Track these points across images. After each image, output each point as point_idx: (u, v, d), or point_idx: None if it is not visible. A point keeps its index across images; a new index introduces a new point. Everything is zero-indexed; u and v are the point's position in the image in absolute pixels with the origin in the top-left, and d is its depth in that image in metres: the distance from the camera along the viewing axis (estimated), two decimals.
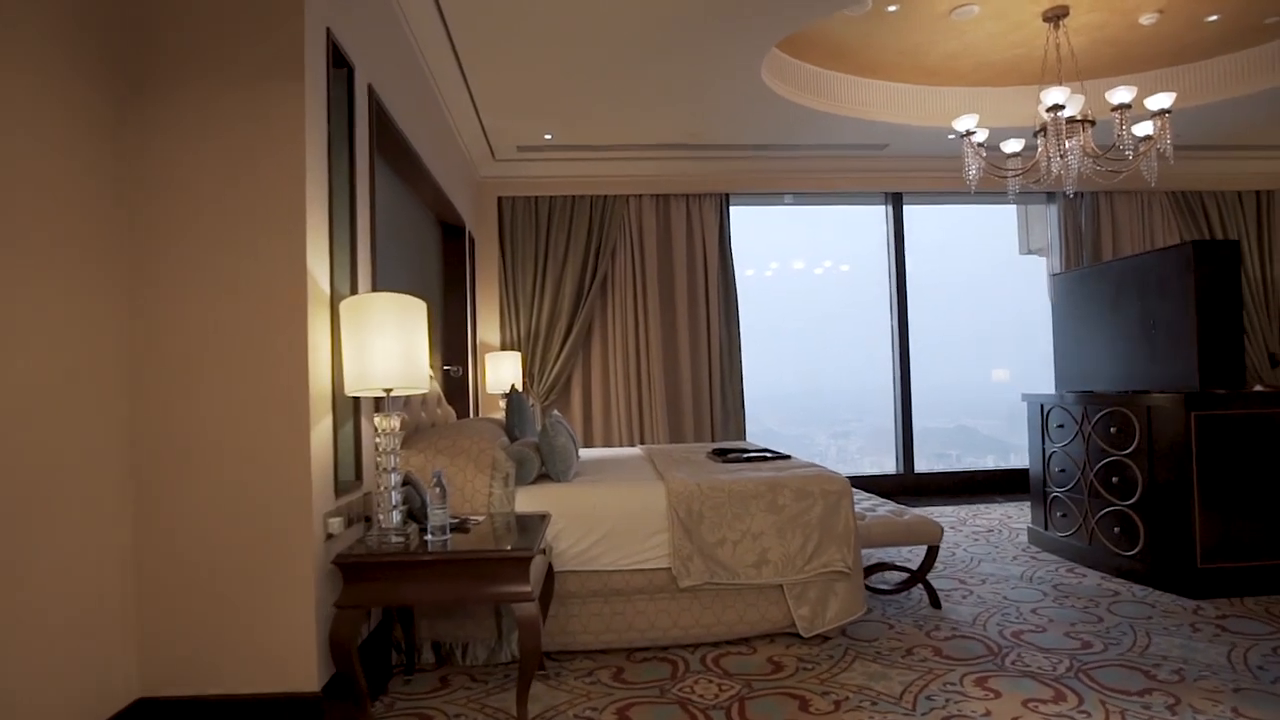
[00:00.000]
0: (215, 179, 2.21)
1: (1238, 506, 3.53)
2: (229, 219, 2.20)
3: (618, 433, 6.15)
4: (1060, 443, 4.34)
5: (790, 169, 6.36)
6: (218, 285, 2.20)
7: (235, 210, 2.20)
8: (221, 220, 2.20)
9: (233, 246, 2.20)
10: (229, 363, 2.19)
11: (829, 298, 9.00)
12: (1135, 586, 3.67)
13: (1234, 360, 3.63)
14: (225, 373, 2.19)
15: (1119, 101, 4.02)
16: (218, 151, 2.21)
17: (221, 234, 2.20)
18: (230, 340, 2.20)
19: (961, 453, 7.64)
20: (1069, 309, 4.60)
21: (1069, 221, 6.78)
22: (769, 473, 3.28)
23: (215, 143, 2.21)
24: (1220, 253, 3.66)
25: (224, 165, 2.21)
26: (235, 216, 2.21)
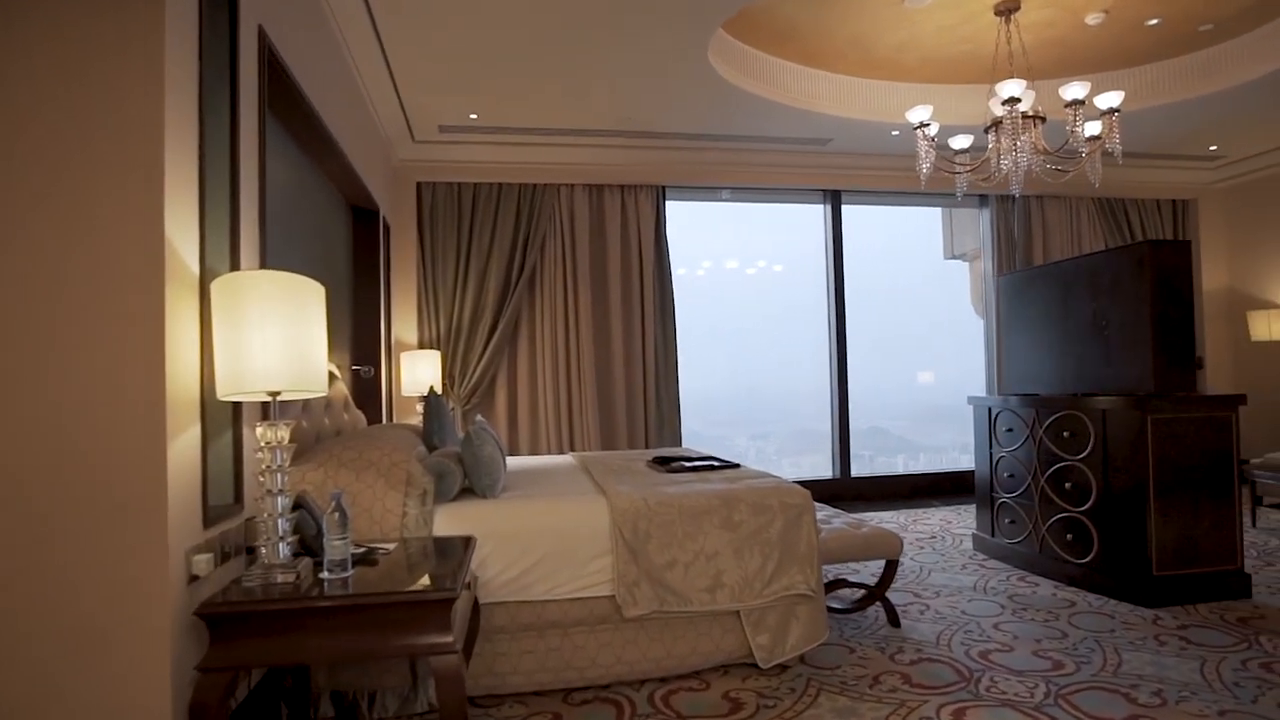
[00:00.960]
0: (45, 121, 1.72)
1: (1191, 512, 3.44)
2: (60, 170, 1.72)
3: (546, 439, 5.75)
4: (1009, 447, 4.22)
5: (730, 162, 6.11)
6: (39, 259, 1.71)
7: (69, 161, 1.72)
8: (51, 173, 1.71)
9: (64, 207, 1.71)
10: (55, 362, 1.70)
11: (760, 299, 8.82)
12: (1090, 595, 3.55)
13: (1187, 362, 3.55)
14: (49, 375, 1.70)
15: (1073, 97, 3.91)
16: (48, 86, 1.72)
17: (49, 190, 1.71)
18: (57, 332, 1.71)
19: (874, 454, 7.64)
20: (1015, 310, 4.50)
21: (1002, 225, 6.79)
22: (721, 485, 2.97)
23: (45, 75, 1.72)
24: (1173, 253, 3.58)
25: (58, 104, 1.72)
26: (69, 168, 1.72)
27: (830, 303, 6.63)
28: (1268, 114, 5.56)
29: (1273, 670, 2.64)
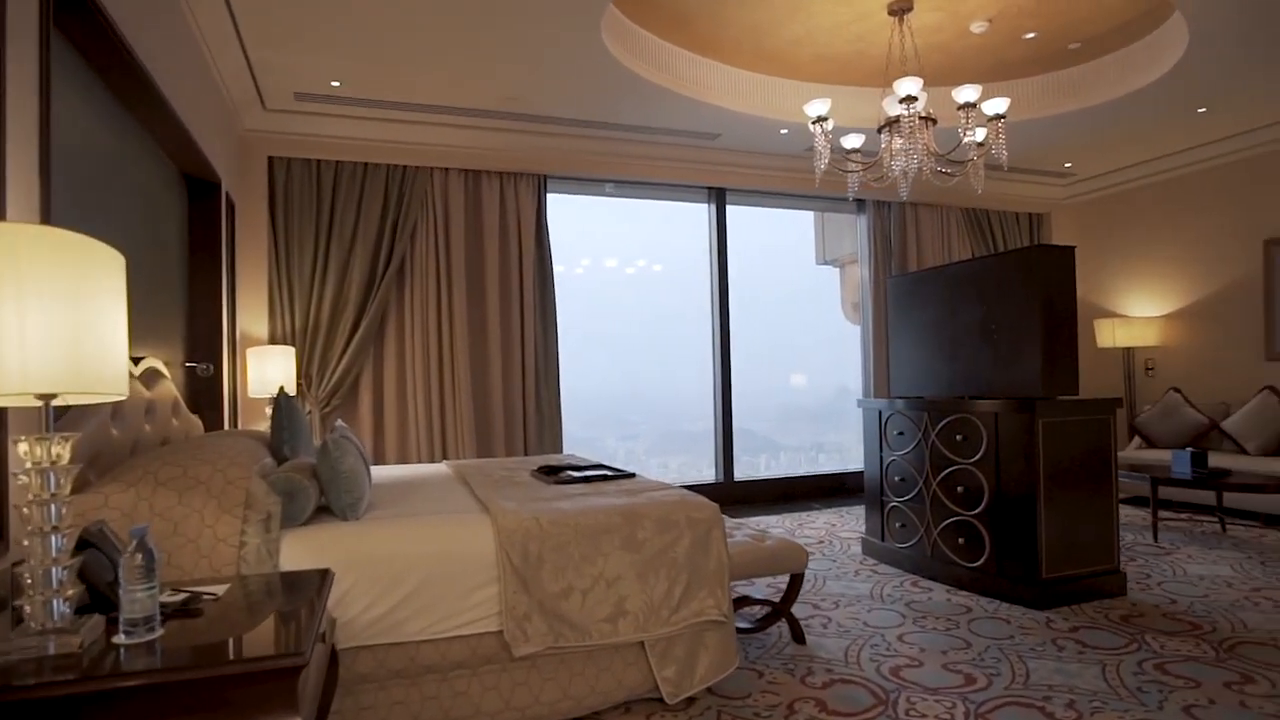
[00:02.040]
0: None
1: (1076, 513, 3.51)
2: None
3: (416, 446, 5.23)
4: (900, 451, 4.19)
5: (615, 153, 5.84)
6: None
7: None
8: None
9: None
10: None
11: (640, 299, 8.63)
12: (983, 599, 3.54)
13: (1072, 365, 3.62)
14: None
15: (965, 100, 3.92)
16: None
17: None
18: None
19: (739, 453, 7.70)
20: (904, 313, 4.50)
21: (878, 231, 6.93)
22: (620, 498, 2.67)
23: None
24: (1059, 258, 3.65)
25: None
26: None
27: (714, 304, 6.51)
28: (1117, 134, 5.95)
29: (1167, 671, 2.66)
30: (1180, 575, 3.89)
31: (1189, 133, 5.94)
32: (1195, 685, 2.54)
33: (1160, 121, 5.66)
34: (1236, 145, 6.04)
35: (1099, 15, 4.48)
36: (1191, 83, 4.92)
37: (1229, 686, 2.53)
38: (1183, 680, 2.58)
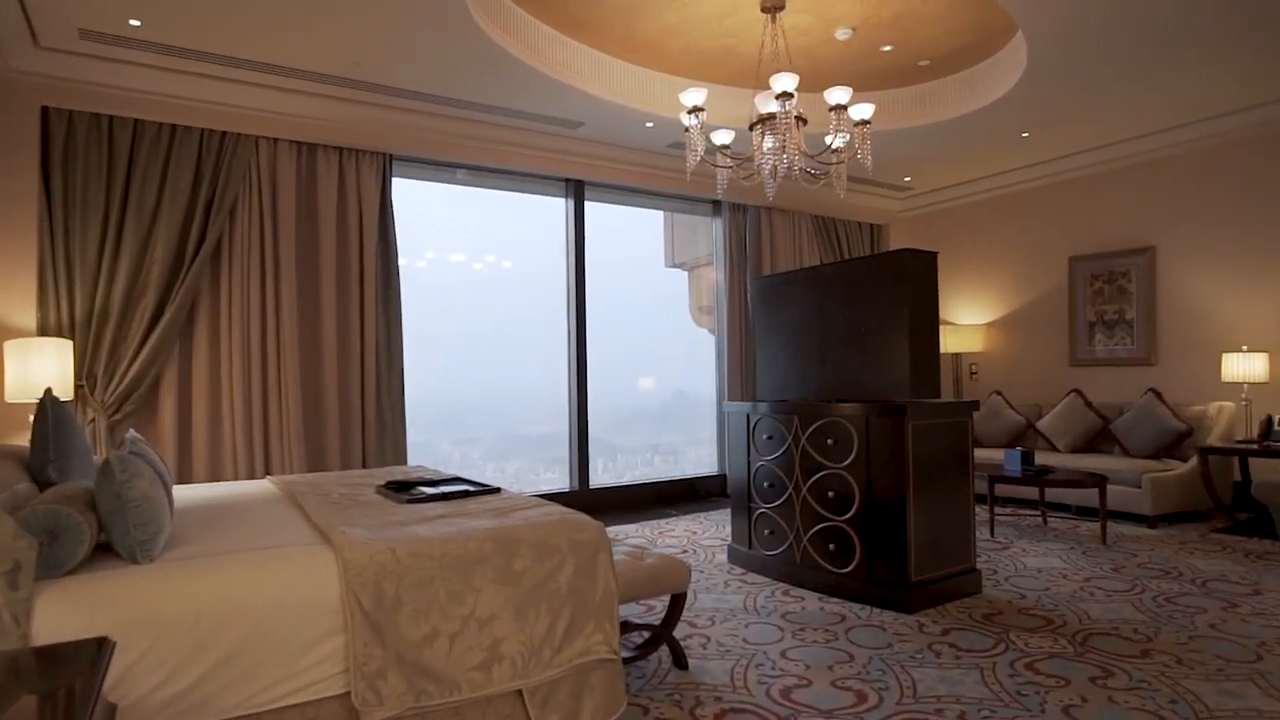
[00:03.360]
0: None
1: (940, 516, 3.57)
2: None
3: (233, 459, 4.51)
4: (769, 455, 4.12)
5: (470, 135, 5.39)
6: None
7: None
8: None
9: None
10: None
11: (487, 296, 8.19)
12: (855, 606, 3.51)
13: (935, 368, 3.69)
14: None
15: (836, 102, 3.92)
16: None
17: None
18: None
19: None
20: (769, 315, 4.44)
21: (734, 234, 6.96)
22: (490, 520, 2.31)
23: None
24: (925, 262, 3.71)
25: None
26: None
27: (570, 304, 6.23)
28: (952, 152, 6.33)
29: (1038, 670, 2.70)
30: (1021, 569, 4.10)
31: (1012, 155, 6.44)
32: (1065, 684, 2.59)
33: (990, 142, 6.08)
34: (1049, 170, 6.63)
35: (950, 34, 4.67)
36: (1020, 109, 5.28)
37: (1094, 682, 2.60)
38: (1054, 679, 2.63)
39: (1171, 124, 5.68)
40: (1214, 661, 2.77)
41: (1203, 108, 5.35)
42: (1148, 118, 5.54)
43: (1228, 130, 5.54)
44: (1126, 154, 6.11)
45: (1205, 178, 5.76)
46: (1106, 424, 5.89)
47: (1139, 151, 6.04)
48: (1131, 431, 5.67)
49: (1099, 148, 6.20)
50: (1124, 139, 6.00)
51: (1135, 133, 5.87)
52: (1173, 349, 5.96)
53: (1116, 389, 6.19)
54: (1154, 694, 2.50)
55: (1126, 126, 5.74)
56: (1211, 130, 5.60)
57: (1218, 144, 5.65)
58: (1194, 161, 5.81)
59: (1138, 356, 6.16)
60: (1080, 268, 6.59)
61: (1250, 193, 5.52)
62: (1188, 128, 5.68)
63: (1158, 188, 6.04)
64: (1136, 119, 5.57)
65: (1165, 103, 5.22)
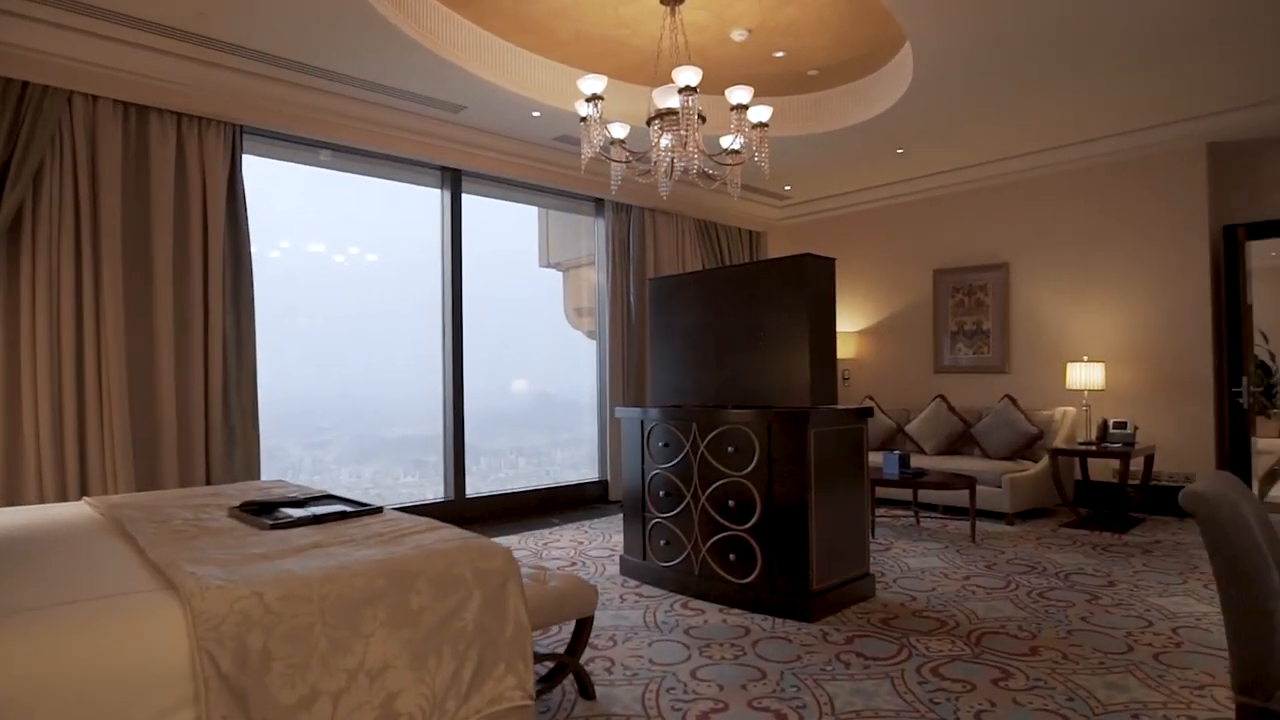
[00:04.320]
0: None
1: (838, 522, 3.55)
2: None
3: (36, 477, 3.78)
4: (665, 463, 3.96)
5: (335, 112, 4.87)
6: None
7: None
8: None
9: None
10: None
11: (349, 291, 7.59)
12: (757, 617, 3.41)
13: (833, 374, 3.68)
14: None
15: (738, 101, 3.83)
16: None
17: None
18: None
19: (438, 459, 7.27)
20: (664, 318, 4.29)
21: (616, 234, 6.80)
22: (377, 548, 1.97)
23: None
24: (825, 268, 3.69)
25: None
26: None
27: (445, 301, 5.82)
28: (832, 163, 6.50)
29: (943, 676, 2.70)
30: (906, 570, 4.19)
31: (887, 170, 6.70)
32: (971, 688, 2.59)
33: (868, 156, 6.28)
34: (919, 186, 6.97)
35: (840, 46, 4.74)
36: (898, 125, 5.48)
37: (997, 684, 2.62)
38: (960, 684, 2.63)
39: (1027, 150, 6.11)
40: (1094, 655, 2.89)
41: (1055, 137, 5.78)
42: (1008, 143, 5.93)
43: (1075, 159, 6.03)
44: (987, 175, 6.52)
45: (1053, 201, 6.24)
46: (968, 428, 6.24)
47: (998, 174, 6.46)
48: (990, 435, 6.03)
49: (964, 168, 6.58)
50: (985, 161, 6.40)
51: (996, 156, 6.27)
52: (1024, 358, 6.41)
53: (976, 394, 6.58)
54: (1051, 693, 2.55)
55: (989, 150, 6.11)
56: (1061, 158, 6.07)
57: (1065, 171, 6.13)
58: (1045, 186, 6.28)
59: (994, 365, 6.59)
60: (943, 280, 6.97)
61: (1091, 217, 6.03)
62: (1041, 154, 6.13)
63: (1012, 208, 6.49)
64: (998, 143, 5.94)
65: (1025, 130, 5.59)
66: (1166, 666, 2.76)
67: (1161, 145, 5.65)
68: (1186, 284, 5.60)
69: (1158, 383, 5.71)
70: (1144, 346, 5.77)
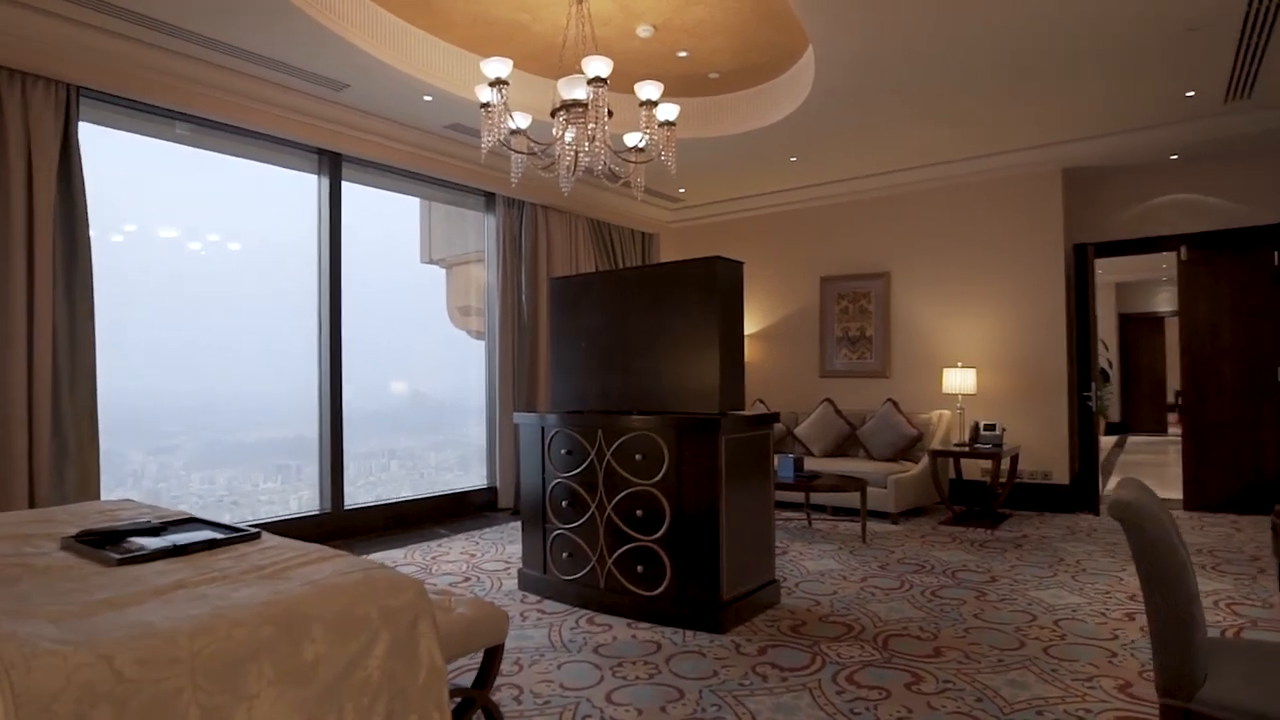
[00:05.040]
0: None
1: (747, 530, 3.50)
2: None
3: None
4: (568, 472, 3.78)
5: (196, 80, 4.33)
6: None
7: None
8: None
9: None
10: None
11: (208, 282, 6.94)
12: (667, 630, 3.30)
13: (741, 380, 3.63)
14: None
15: (647, 97, 3.71)
16: None
17: None
18: None
19: (301, 464, 6.88)
20: (569, 319, 4.11)
21: (507, 231, 6.53)
22: (259, 585, 1.68)
23: None
24: (735, 271, 3.64)
25: None
26: None
27: (322, 296, 5.36)
28: (727, 167, 6.52)
29: (858, 683, 2.69)
30: (805, 574, 4.22)
31: (779, 177, 6.81)
32: (886, 695, 2.59)
33: (763, 162, 6.35)
34: (809, 195, 7.14)
35: (743, 50, 4.73)
36: (794, 134, 5.56)
37: (910, 689, 2.64)
38: (876, 691, 2.62)
39: (909, 165, 6.39)
40: (991, 652, 2.98)
41: (935, 154, 6.06)
42: (892, 157, 6.16)
43: (951, 175, 6.36)
44: (872, 187, 6.77)
45: (931, 215, 6.57)
46: (854, 430, 6.44)
47: (882, 186, 6.72)
48: (874, 437, 6.25)
49: (851, 179, 6.80)
50: (871, 173, 6.64)
51: (881, 169, 6.51)
52: (904, 363, 6.71)
53: (860, 398, 6.81)
54: (961, 694, 2.59)
55: (875, 163, 6.34)
56: (939, 174, 6.39)
57: (942, 186, 6.46)
58: (924, 200, 6.59)
59: (876, 370, 6.85)
60: (829, 287, 7.18)
61: (964, 231, 6.39)
62: (922, 169, 6.43)
63: (894, 220, 6.77)
64: (884, 157, 6.17)
65: (908, 145, 5.83)
66: (1057, 660, 2.89)
67: (1025, 168, 6.07)
68: (1045, 297, 6.04)
69: (1022, 387, 6.12)
70: (1010, 353, 6.17)
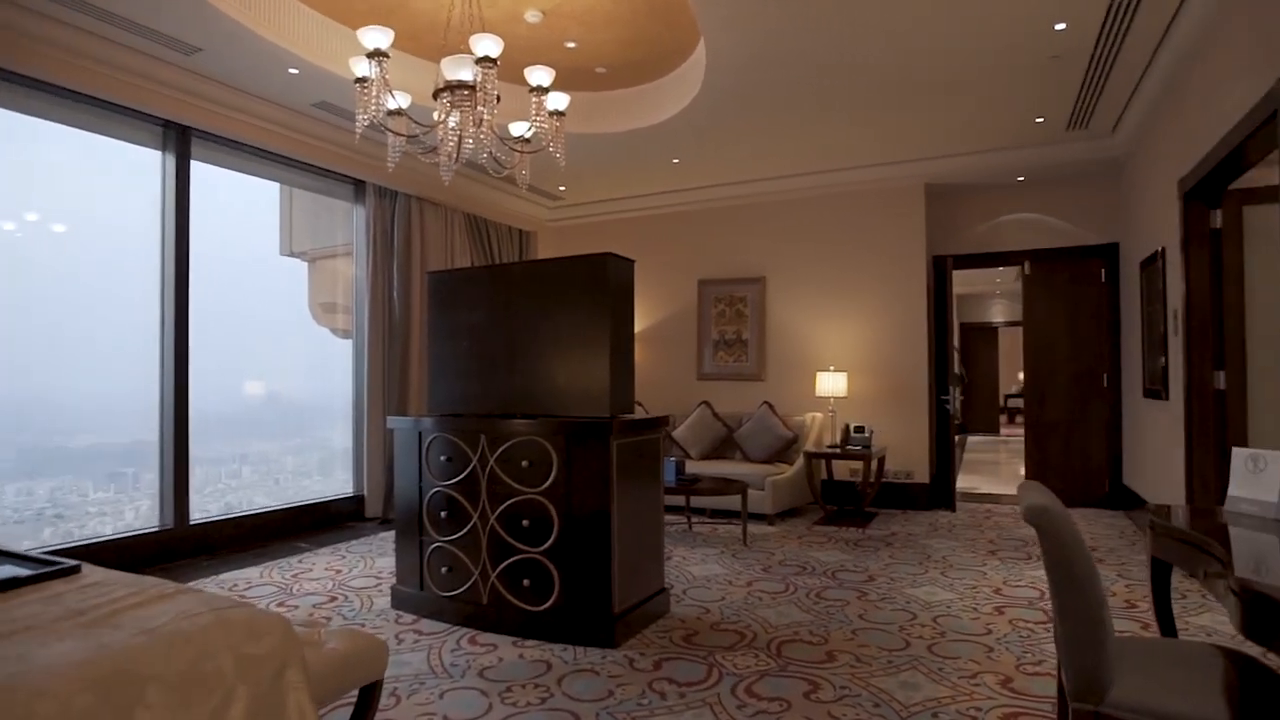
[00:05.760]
0: None
1: (639, 538, 3.38)
2: None
3: None
4: (447, 480, 3.52)
5: (14, 28, 3.69)
6: None
7: None
8: None
9: None
10: None
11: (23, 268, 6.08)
12: (556, 648, 3.12)
13: (631, 382, 3.52)
14: None
15: (538, 83, 3.53)
16: None
17: None
18: None
19: (139, 471, 6.31)
20: (448, 316, 3.84)
21: (379, 223, 6.10)
22: (77, 640, 1.36)
23: None
24: (626, 270, 3.52)
25: None
26: None
27: (165, 287, 4.77)
28: (609, 166, 6.42)
29: (757, 695, 2.63)
30: (691, 580, 4.17)
31: (661, 178, 6.79)
32: (787, 706, 2.55)
33: (645, 163, 6.30)
34: (689, 197, 7.17)
35: (632, 44, 4.64)
36: (678, 135, 5.54)
37: (809, 698, 2.61)
38: (776, 703, 2.58)
39: (786, 173, 6.54)
40: (880, 654, 3.03)
41: (810, 163, 6.25)
42: (771, 164, 6.29)
43: (825, 185, 6.58)
44: (751, 192, 6.89)
45: (805, 222, 6.76)
46: (731, 433, 6.52)
47: (760, 192, 6.85)
48: (751, 439, 6.34)
49: (731, 183, 6.88)
50: (751, 179, 6.75)
51: (760, 175, 6.64)
52: (779, 367, 6.87)
53: (736, 401, 6.90)
54: (859, 700, 2.60)
55: (754, 168, 6.45)
56: (814, 183, 6.60)
57: (816, 195, 6.67)
58: (799, 207, 6.78)
59: (752, 373, 6.97)
60: (707, 290, 7.24)
61: (836, 239, 6.63)
62: (798, 178, 6.61)
63: (771, 226, 6.92)
64: (763, 163, 6.28)
65: (786, 153, 5.96)
66: (942, 659, 2.97)
67: (893, 181, 6.38)
68: (909, 305, 6.37)
69: (888, 391, 6.42)
70: (878, 358, 6.46)
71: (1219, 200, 3.98)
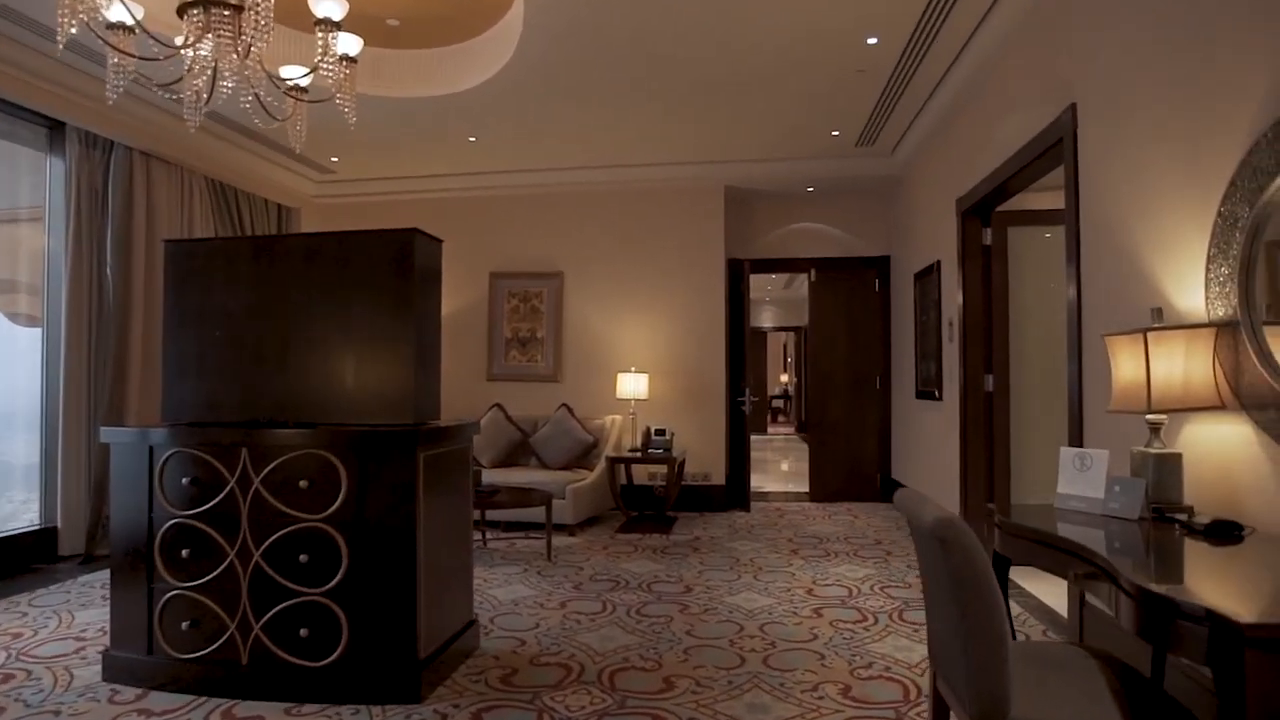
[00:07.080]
0: None
1: (446, 566, 2.86)
2: None
3: None
4: (192, 508, 2.72)
5: None
6: None
7: None
8: None
9: None
10: None
11: None
12: (345, 711, 2.50)
13: (438, 381, 2.99)
14: None
15: (325, 14, 2.87)
16: None
17: None
18: None
19: None
20: (195, 299, 3.00)
21: (85, 180, 4.82)
22: None
23: None
24: (434, 252, 2.98)
25: None
26: None
27: None
28: (392, 138, 5.69)
29: None
30: (498, 605, 3.71)
31: (451, 158, 6.18)
32: None
33: (436, 137, 5.68)
34: (481, 182, 6.63)
35: None
36: (479, 108, 5.03)
37: None
38: None
39: (589, 164, 6.28)
40: (719, 675, 2.82)
41: (613, 157, 6.04)
42: (574, 154, 5.99)
43: (627, 180, 6.42)
44: (550, 182, 6.53)
45: (606, 217, 6.56)
46: (526, 437, 6.10)
47: (561, 182, 6.52)
48: (549, 444, 5.97)
49: (529, 170, 6.46)
50: (550, 168, 6.39)
51: (561, 164, 6.30)
52: (577, 367, 6.58)
53: (531, 403, 6.49)
54: None
55: (556, 157, 6.10)
56: (616, 177, 6.41)
57: (618, 190, 6.49)
58: (600, 201, 6.55)
59: (548, 374, 6.61)
60: (500, 285, 6.75)
61: (637, 236, 6.50)
62: (600, 170, 6.38)
63: (570, 219, 6.62)
64: (566, 152, 5.96)
65: (590, 144, 5.69)
66: (780, 672, 2.83)
67: (694, 181, 6.39)
68: (708, 306, 6.42)
69: (688, 392, 6.41)
70: (678, 359, 6.42)
71: (989, 219, 4.38)
